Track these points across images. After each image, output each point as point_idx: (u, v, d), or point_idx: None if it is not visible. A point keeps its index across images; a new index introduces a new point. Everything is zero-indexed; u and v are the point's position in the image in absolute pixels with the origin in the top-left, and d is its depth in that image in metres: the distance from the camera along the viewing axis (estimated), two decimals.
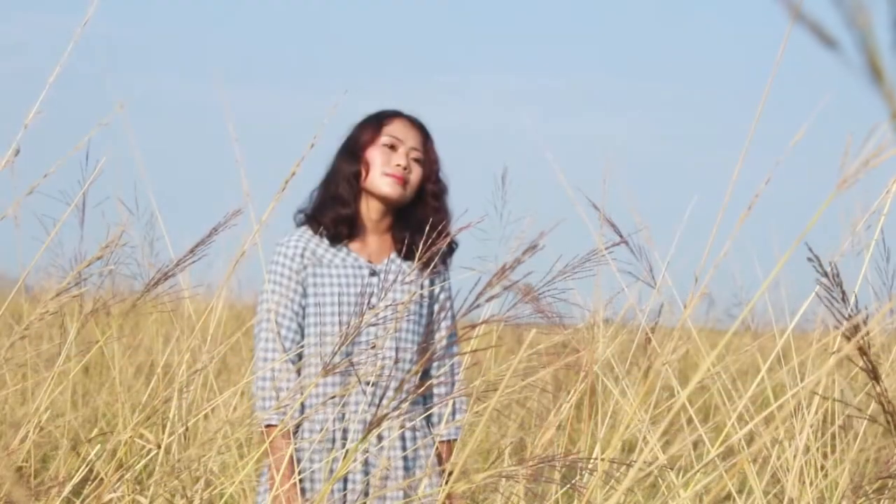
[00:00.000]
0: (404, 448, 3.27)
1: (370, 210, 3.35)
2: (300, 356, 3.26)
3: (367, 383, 3.23)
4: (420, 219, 3.32)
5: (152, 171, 3.54)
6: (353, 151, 3.36)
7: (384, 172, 3.31)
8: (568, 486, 2.54)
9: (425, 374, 3.31)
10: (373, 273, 3.31)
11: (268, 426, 3.18)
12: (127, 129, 3.24)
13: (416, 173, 3.35)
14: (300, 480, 3.20)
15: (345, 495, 3.20)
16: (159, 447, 2.99)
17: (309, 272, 3.28)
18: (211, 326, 3.65)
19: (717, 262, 2.09)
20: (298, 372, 3.23)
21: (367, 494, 3.22)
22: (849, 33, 0.83)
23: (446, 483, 3.20)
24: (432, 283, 3.38)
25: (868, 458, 5.33)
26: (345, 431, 3.23)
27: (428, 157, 3.37)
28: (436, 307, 3.39)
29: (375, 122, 3.37)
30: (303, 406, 3.22)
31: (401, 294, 3.21)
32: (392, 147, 3.34)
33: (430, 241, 3.15)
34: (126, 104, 2.84)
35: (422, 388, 2.57)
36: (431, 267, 3.28)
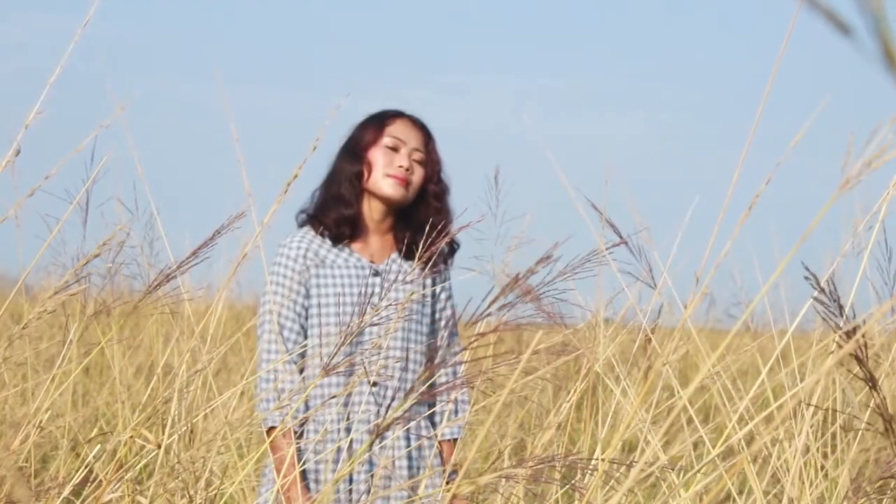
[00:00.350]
0: (408, 448, 3.27)
1: (372, 210, 3.35)
2: (303, 357, 3.26)
3: (371, 384, 3.23)
4: (421, 219, 3.32)
5: (152, 171, 3.53)
6: (354, 152, 3.35)
7: (386, 173, 3.31)
8: (568, 486, 2.54)
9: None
10: (375, 273, 3.31)
11: (271, 428, 3.18)
12: (127, 130, 3.24)
13: (418, 174, 3.35)
14: (304, 479, 3.20)
15: (350, 491, 3.21)
16: (159, 447, 2.99)
17: (312, 273, 3.28)
18: (211, 327, 3.65)
19: (718, 262, 2.09)
20: (301, 372, 3.23)
21: (370, 493, 3.22)
22: (862, 19, 0.83)
23: (448, 482, 3.21)
24: (434, 283, 3.39)
25: (868, 458, 5.33)
26: (349, 431, 3.23)
27: (430, 158, 3.37)
28: (438, 307, 3.40)
29: (377, 123, 3.36)
30: (308, 407, 3.22)
31: (403, 294, 3.22)
32: (394, 148, 3.33)
33: (429, 240, 3.15)
34: (126, 105, 2.84)
35: (428, 392, 2.57)
36: (431, 265, 3.29)
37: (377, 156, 3.33)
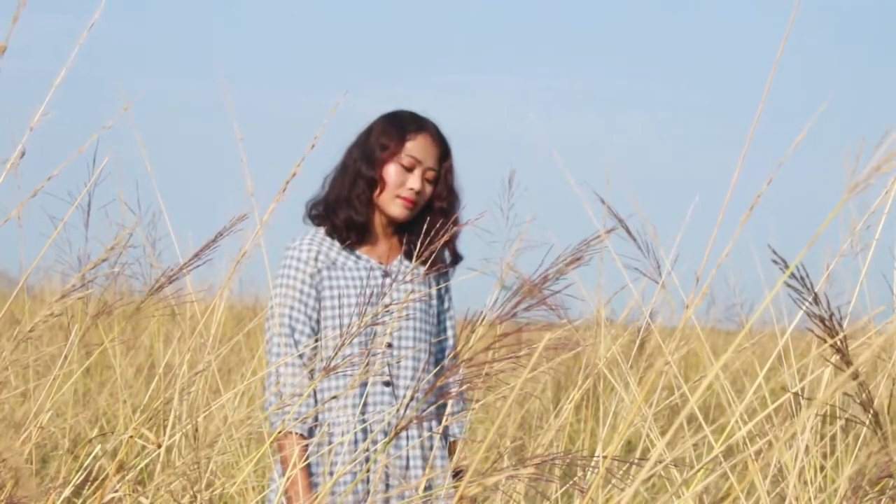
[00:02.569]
0: (421, 447, 3.28)
1: (380, 219, 3.35)
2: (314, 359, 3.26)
3: (385, 383, 3.24)
4: (428, 229, 3.29)
5: (154, 170, 3.54)
6: (371, 158, 3.32)
7: (397, 195, 3.29)
8: (570, 483, 2.55)
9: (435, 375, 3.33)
10: (386, 274, 3.32)
11: (286, 434, 3.17)
12: (131, 130, 3.25)
13: (427, 192, 3.32)
14: (311, 477, 3.21)
15: (367, 482, 3.21)
16: (160, 447, 2.99)
17: (324, 275, 3.27)
18: (212, 327, 3.66)
19: (720, 262, 2.10)
20: (312, 374, 3.23)
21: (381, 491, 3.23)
22: None
23: (456, 479, 3.23)
24: (438, 285, 3.40)
25: (869, 459, 5.34)
26: (364, 432, 3.23)
27: (444, 177, 3.35)
28: (442, 308, 3.41)
29: (399, 135, 3.31)
30: (318, 409, 3.22)
31: (413, 295, 3.23)
32: (409, 168, 3.30)
33: (428, 240, 3.15)
34: (129, 105, 2.85)
35: (442, 393, 2.56)
36: (431, 263, 3.28)
37: (391, 174, 3.29)
